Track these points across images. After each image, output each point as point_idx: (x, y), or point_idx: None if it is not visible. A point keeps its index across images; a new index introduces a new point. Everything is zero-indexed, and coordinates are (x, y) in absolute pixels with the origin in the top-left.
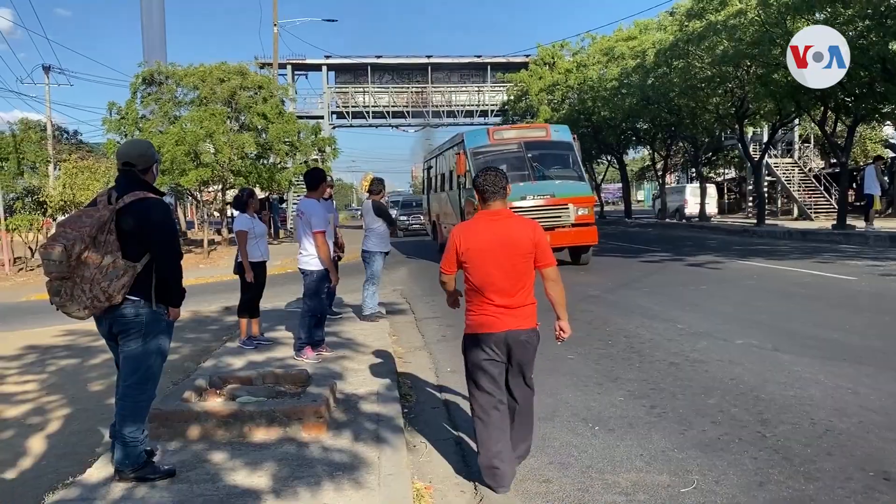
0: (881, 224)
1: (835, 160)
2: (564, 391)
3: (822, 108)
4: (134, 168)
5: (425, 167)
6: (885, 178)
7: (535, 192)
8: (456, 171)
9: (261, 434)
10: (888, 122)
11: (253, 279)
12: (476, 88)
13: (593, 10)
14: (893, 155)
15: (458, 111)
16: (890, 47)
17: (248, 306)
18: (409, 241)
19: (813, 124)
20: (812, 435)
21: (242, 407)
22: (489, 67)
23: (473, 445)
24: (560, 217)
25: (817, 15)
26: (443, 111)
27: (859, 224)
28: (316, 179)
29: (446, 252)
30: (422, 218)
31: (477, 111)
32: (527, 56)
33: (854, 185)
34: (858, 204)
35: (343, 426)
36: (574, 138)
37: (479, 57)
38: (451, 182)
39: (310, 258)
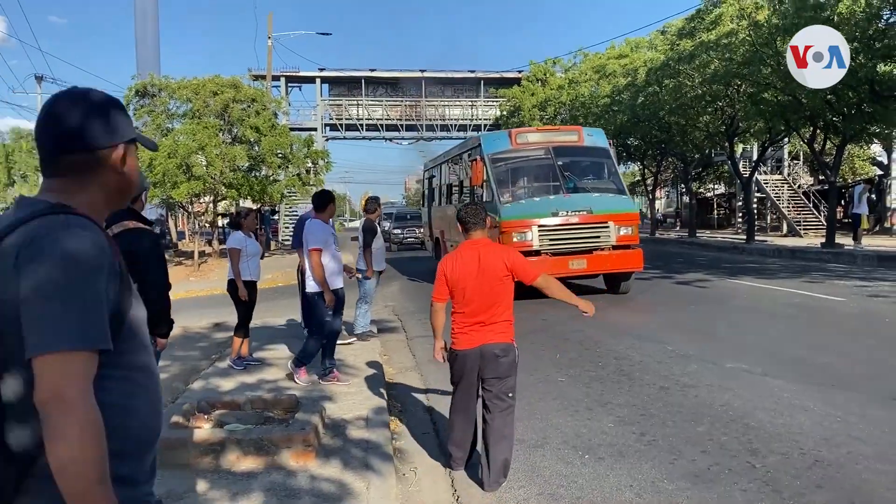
0: (869, 242)
1: (823, 178)
2: (555, 416)
3: (812, 128)
4: None
5: (426, 177)
6: (873, 196)
7: (569, 208)
8: (470, 180)
9: (248, 462)
10: (876, 141)
11: (246, 297)
12: (469, 103)
13: (586, 28)
14: (881, 173)
15: (451, 125)
16: (878, 69)
17: (240, 325)
18: (403, 256)
19: (802, 142)
20: (801, 466)
21: (230, 434)
22: (482, 82)
23: (463, 473)
24: (599, 238)
25: None
26: (436, 125)
27: (848, 242)
28: (324, 201)
29: (437, 282)
30: (417, 231)
31: (470, 125)
32: (520, 72)
33: (842, 202)
34: (847, 221)
35: (332, 453)
36: (610, 143)
37: (472, 72)
38: (462, 193)
39: (310, 280)
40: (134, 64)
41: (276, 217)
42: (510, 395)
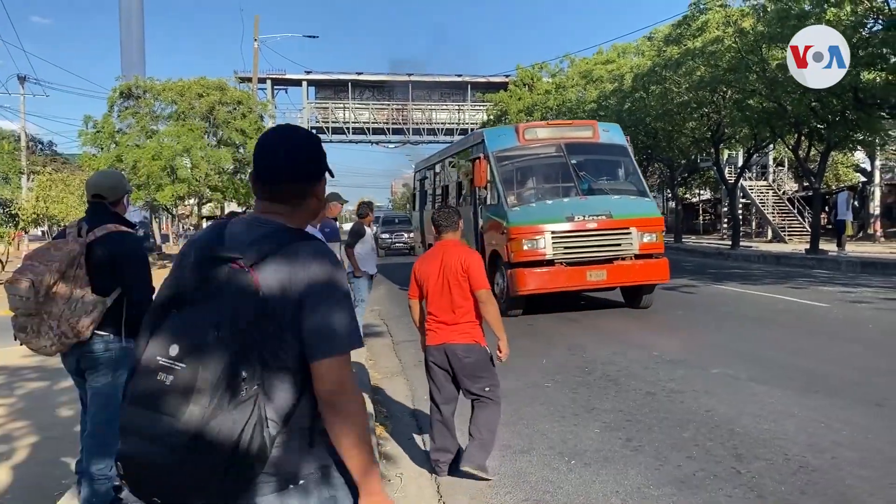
0: (852, 248)
1: (808, 184)
2: (541, 422)
3: (796, 135)
4: (104, 200)
5: (417, 179)
6: (856, 203)
7: (586, 212)
8: (471, 181)
9: None
10: (859, 148)
11: None
12: (456, 107)
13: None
14: (864, 180)
15: (438, 129)
16: (862, 77)
17: None
18: (392, 262)
19: (787, 149)
20: (786, 472)
21: None
22: (469, 87)
23: (447, 476)
24: (619, 245)
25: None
26: (423, 128)
27: (832, 248)
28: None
29: (411, 280)
30: (405, 236)
31: (457, 129)
32: (507, 76)
33: (826, 208)
34: (830, 227)
35: None
36: (627, 140)
37: (459, 76)
38: (461, 196)
39: None
40: (119, 65)
41: None
42: (486, 389)
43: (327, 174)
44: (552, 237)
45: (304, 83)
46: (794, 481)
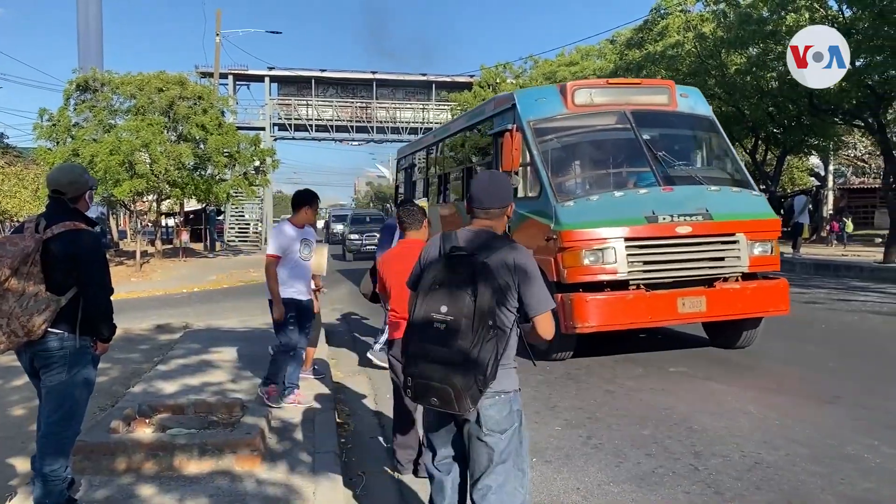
0: (806, 251)
1: (764, 188)
2: None
3: (754, 139)
4: (63, 196)
5: (401, 167)
6: (810, 206)
7: (674, 210)
8: (497, 161)
9: (192, 467)
10: (814, 153)
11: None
12: (421, 106)
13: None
14: (818, 184)
15: (402, 127)
16: None
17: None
18: (361, 266)
19: (745, 153)
20: (742, 468)
21: (173, 439)
22: (434, 86)
23: (411, 477)
24: (723, 260)
25: (750, 49)
26: (387, 127)
27: (787, 251)
28: (296, 202)
29: (377, 275)
30: (377, 237)
31: (421, 129)
32: (471, 76)
33: (781, 211)
34: (786, 230)
35: (278, 457)
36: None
37: (424, 75)
38: (469, 186)
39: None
40: (76, 57)
41: (221, 218)
42: None
43: None
44: (627, 246)
45: (267, 79)
46: (749, 477)
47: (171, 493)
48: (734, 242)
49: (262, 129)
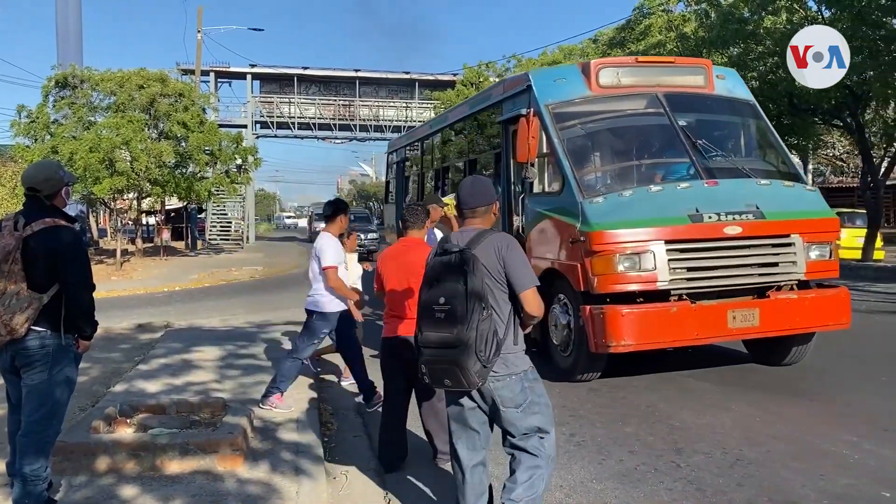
0: None
1: None
2: None
3: None
4: (39, 193)
5: (393, 161)
6: None
7: (721, 207)
8: (508, 152)
9: (174, 467)
10: (794, 153)
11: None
12: (404, 104)
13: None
14: None
15: (385, 126)
16: (796, 83)
17: None
18: None
19: None
20: (723, 465)
21: (154, 439)
22: (417, 84)
23: (393, 474)
24: (776, 266)
25: (731, 49)
26: (370, 125)
27: None
28: (331, 210)
29: (375, 273)
30: (364, 237)
31: (405, 127)
32: (454, 75)
33: None
34: None
35: (261, 457)
36: None
37: (407, 73)
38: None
39: (325, 299)
40: (55, 54)
41: (202, 216)
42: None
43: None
44: (668, 250)
45: (249, 76)
46: (731, 474)
47: (153, 494)
48: (789, 245)
49: (244, 126)
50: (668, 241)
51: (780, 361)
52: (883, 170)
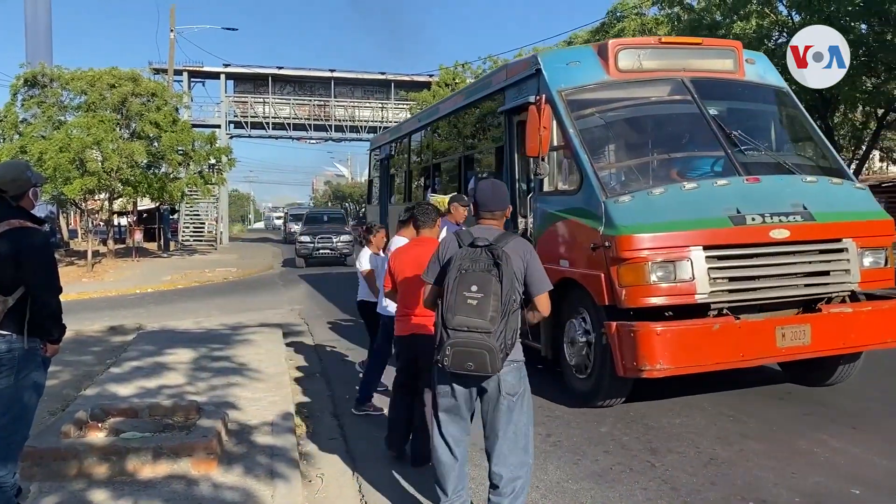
0: None
1: None
2: None
3: None
4: (5, 194)
5: (376, 158)
6: None
7: (766, 209)
8: (512, 145)
9: (147, 471)
10: None
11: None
12: (380, 105)
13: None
14: None
15: (361, 126)
16: None
17: None
18: (313, 273)
19: None
20: (697, 464)
21: (126, 443)
22: (393, 85)
23: (369, 476)
24: (828, 275)
25: None
26: (346, 125)
27: None
28: (408, 216)
29: (386, 272)
30: (337, 240)
31: (381, 127)
32: (430, 76)
33: None
34: None
35: (235, 460)
36: None
37: (383, 74)
38: (470, 178)
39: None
40: (23, 52)
41: (175, 217)
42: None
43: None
44: (708, 257)
45: (223, 76)
46: (705, 473)
47: (125, 498)
48: (842, 251)
49: (218, 126)
50: (707, 247)
51: (823, 381)
52: (852, 172)
